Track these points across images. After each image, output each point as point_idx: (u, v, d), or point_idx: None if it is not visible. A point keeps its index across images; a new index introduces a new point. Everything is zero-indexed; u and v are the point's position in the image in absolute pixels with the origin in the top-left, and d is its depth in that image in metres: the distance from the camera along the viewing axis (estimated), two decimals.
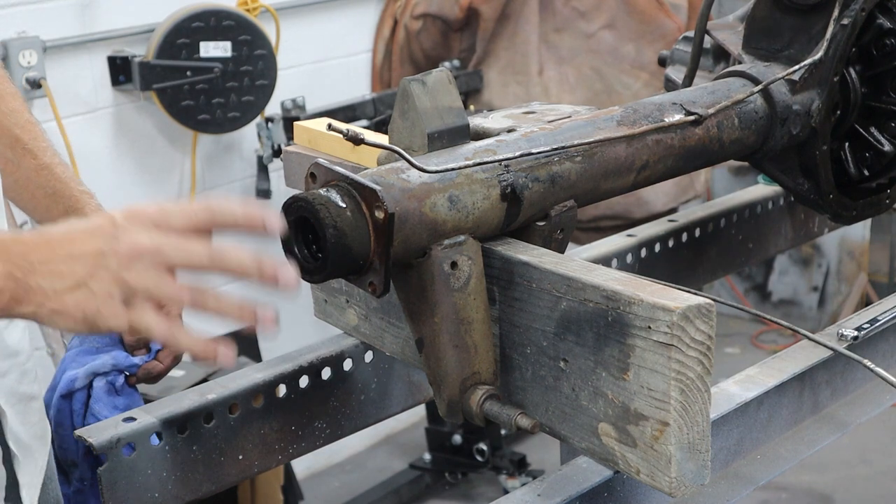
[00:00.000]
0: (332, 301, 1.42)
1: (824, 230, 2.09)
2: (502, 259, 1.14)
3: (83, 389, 1.42)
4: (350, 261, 1.06)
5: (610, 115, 1.29)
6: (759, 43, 1.54)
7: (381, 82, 4.14)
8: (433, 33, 4.06)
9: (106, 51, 3.25)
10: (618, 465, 1.07)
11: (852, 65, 1.54)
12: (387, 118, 3.53)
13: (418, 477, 4.12)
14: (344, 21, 3.99)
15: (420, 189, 1.10)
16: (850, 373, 1.46)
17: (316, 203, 1.05)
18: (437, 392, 1.17)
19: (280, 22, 3.59)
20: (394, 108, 1.22)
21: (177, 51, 3.20)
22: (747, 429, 1.33)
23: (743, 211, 1.89)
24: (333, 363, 1.38)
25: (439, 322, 1.12)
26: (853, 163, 1.57)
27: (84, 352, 1.47)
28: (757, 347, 5.14)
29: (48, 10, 3.12)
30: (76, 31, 3.19)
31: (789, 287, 5.39)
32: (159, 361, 1.47)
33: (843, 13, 1.46)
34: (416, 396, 1.50)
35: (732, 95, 1.41)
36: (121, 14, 3.30)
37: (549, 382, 1.12)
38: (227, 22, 3.28)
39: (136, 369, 1.45)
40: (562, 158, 1.21)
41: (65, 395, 1.43)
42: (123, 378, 1.44)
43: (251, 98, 3.35)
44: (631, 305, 1.01)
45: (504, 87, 4.06)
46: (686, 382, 0.99)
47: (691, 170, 1.41)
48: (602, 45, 4.04)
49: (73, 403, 1.43)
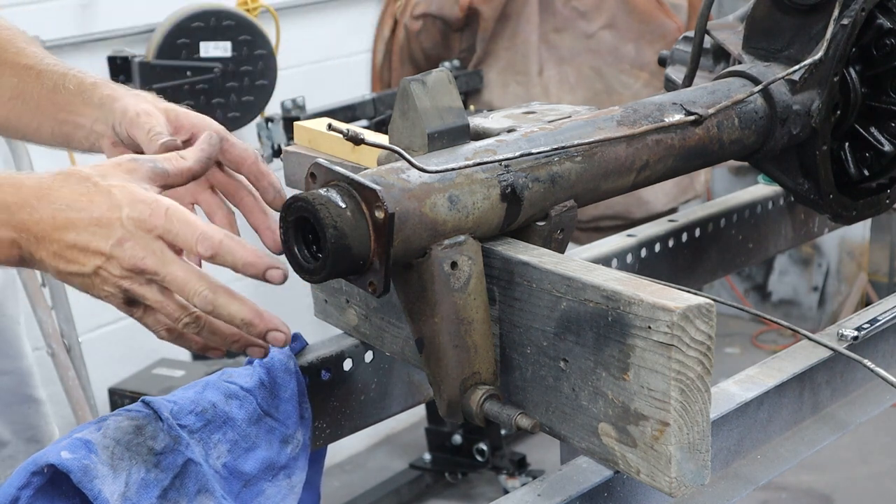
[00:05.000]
0: (332, 301, 1.43)
1: (824, 230, 2.08)
2: (502, 259, 1.14)
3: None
4: (350, 261, 1.06)
5: (610, 115, 1.29)
6: (759, 43, 1.54)
7: (381, 82, 4.15)
8: (433, 33, 4.06)
9: (106, 51, 3.25)
10: (618, 465, 1.07)
11: (852, 65, 1.54)
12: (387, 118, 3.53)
13: (418, 477, 4.13)
14: (344, 21, 4.00)
15: (420, 189, 1.10)
16: (850, 373, 1.46)
17: (316, 203, 1.05)
18: (437, 392, 1.17)
19: (280, 22, 3.59)
20: (394, 108, 1.22)
21: (177, 51, 3.21)
22: (747, 429, 1.33)
23: (743, 211, 1.89)
24: (333, 363, 1.38)
25: (439, 322, 1.12)
26: (853, 163, 1.57)
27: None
28: (757, 347, 5.14)
29: (48, 10, 3.12)
30: (76, 31, 3.20)
31: (789, 287, 5.40)
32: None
33: (843, 13, 1.46)
34: (416, 396, 1.50)
35: (732, 95, 1.41)
36: (121, 14, 3.31)
37: (550, 382, 1.12)
38: (227, 22, 3.28)
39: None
40: (562, 158, 1.21)
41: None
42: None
43: (251, 98, 3.35)
44: (631, 305, 1.01)
45: (504, 87, 4.07)
46: (686, 382, 0.99)
47: (691, 170, 1.41)
48: (602, 45, 4.04)
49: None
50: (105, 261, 1.06)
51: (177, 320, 1.11)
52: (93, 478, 1.07)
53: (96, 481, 1.07)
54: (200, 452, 1.17)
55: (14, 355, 1.79)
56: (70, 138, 1.40)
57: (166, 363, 3.44)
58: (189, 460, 1.14)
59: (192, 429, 1.17)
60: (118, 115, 1.32)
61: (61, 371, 3.02)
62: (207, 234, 1.08)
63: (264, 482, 1.23)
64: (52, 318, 3.02)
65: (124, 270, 1.06)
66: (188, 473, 1.14)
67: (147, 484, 1.11)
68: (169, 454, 1.13)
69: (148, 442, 1.13)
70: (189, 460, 1.14)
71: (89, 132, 1.37)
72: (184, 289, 1.08)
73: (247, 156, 1.32)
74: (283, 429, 1.25)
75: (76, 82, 1.38)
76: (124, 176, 1.10)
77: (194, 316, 1.11)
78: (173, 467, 1.13)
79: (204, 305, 1.08)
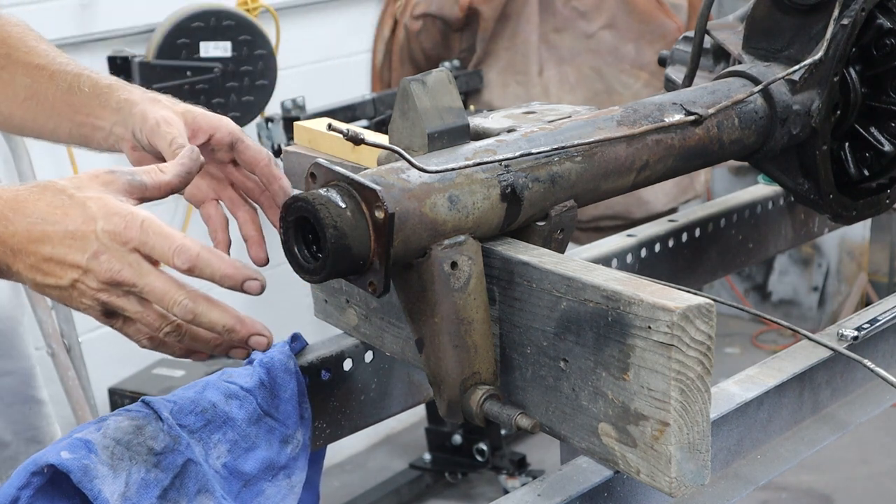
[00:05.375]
0: (332, 301, 1.43)
1: (824, 230, 2.08)
2: (502, 259, 1.14)
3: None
4: (350, 261, 1.06)
5: (610, 115, 1.29)
6: (759, 43, 1.54)
7: (381, 82, 4.15)
8: (433, 33, 4.06)
9: (106, 51, 3.25)
10: (618, 465, 1.07)
11: (852, 65, 1.54)
12: (387, 118, 3.53)
13: (418, 477, 4.13)
14: (344, 21, 4.00)
15: (420, 189, 1.10)
16: (850, 373, 1.46)
17: (316, 203, 1.05)
18: (437, 392, 1.17)
19: (280, 22, 3.59)
20: (394, 108, 1.22)
21: (177, 51, 3.20)
22: (747, 429, 1.33)
23: (743, 211, 1.89)
24: (333, 363, 1.38)
25: (439, 322, 1.12)
26: (853, 163, 1.57)
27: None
28: (757, 347, 5.15)
29: (48, 10, 3.12)
30: (76, 31, 3.20)
31: (789, 287, 5.40)
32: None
33: (843, 13, 1.46)
34: (416, 396, 1.50)
35: (732, 95, 1.41)
36: (121, 14, 3.31)
37: (550, 382, 1.12)
38: (227, 22, 3.28)
39: None
40: (562, 158, 1.21)
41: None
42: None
43: (251, 98, 3.35)
44: (631, 305, 1.01)
45: (504, 87, 4.07)
46: (686, 382, 0.99)
47: (691, 170, 1.41)
48: (602, 45, 4.04)
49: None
50: (82, 274, 1.06)
51: (157, 329, 1.10)
52: (93, 478, 1.07)
53: (96, 481, 1.07)
54: (200, 452, 1.17)
55: (16, 356, 1.79)
56: (89, 139, 1.40)
57: (166, 363, 3.44)
58: (189, 460, 1.14)
59: (192, 429, 1.17)
60: (138, 122, 1.32)
61: (61, 371, 3.02)
62: (185, 247, 1.07)
63: (264, 482, 1.23)
64: (52, 318, 3.02)
65: (101, 283, 1.06)
66: (188, 473, 1.14)
67: (147, 484, 1.11)
68: (169, 454, 1.13)
69: (148, 442, 1.13)
70: (189, 460, 1.14)
71: (108, 134, 1.37)
72: (163, 299, 1.08)
73: (260, 158, 1.32)
74: (283, 429, 1.25)
75: (90, 84, 1.38)
76: (100, 188, 1.10)
77: (175, 325, 1.11)
78: (173, 467, 1.13)
79: (184, 315, 1.08)
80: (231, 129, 1.33)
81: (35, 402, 1.81)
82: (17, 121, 1.44)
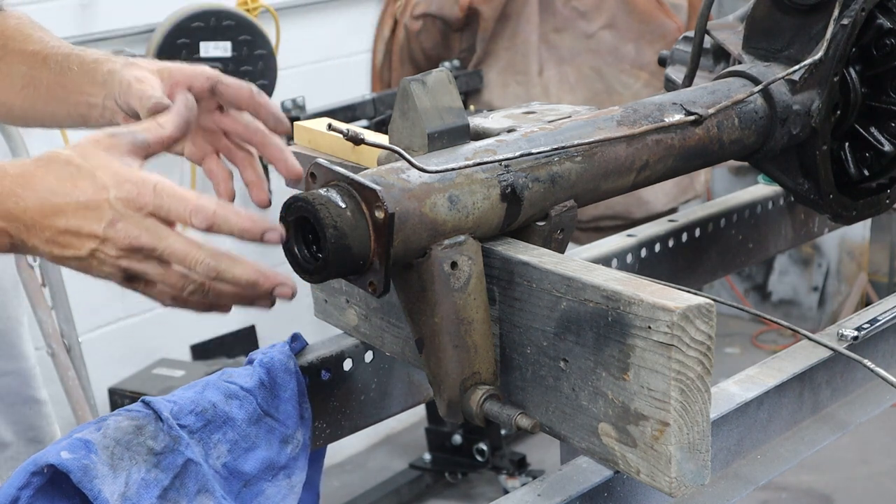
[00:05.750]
0: (332, 301, 1.43)
1: (824, 230, 2.08)
2: (502, 259, 1.14)
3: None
4: (350, 261, 1.06)
5: (610, 115, 1.29)
6: (759, 43, 1.54)
7: (381, 82, 4.15)
8: (433, 33, 4.06)
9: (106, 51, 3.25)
10: (618, 465, 1.07)
11: (852, 65, 1.54)
12: (387, 118, 3.53)
13: (418, 477, 4.13)
14: (344, 21, 4.00)
15: (420, 189, 1.10)
16: (850, 373, 1.46)
17: (316, 203, 1.05)
18: (437, 392, 1.17)
19: (280, 22, 3.59)
20: (394, 108, 1.22)
21: (177, 51, 3.20)
22: (747, 429, 1.33)
23: (743, 211, 1.89)
24: (333, 363, 1.38)
25: (439, 322, 1.12)
26: (853, 163, 1.57)
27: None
28: (757, 347, 5.15)
29: (48, 10, 3.12)
30: (76, 31, 3.19)
31: (789, 287, 5.40)
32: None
33: (843, 13, 1.46)
34: (416, 396, 1.50)
35: (732, 95, 1.41)
36: (121, 14, 3.31)
37: (550, 382, 1.12)
38: (227, 22, 3.28)
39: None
40: (562, 158, 1.21)
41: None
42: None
43: None
44: (631, 305, 1.01)
45: (504, 87, 4.07)
46: (686, 382, 0.99)
47: (691, 170, 1.41)
48: (602, 45, 4.04)
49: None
50: (100, 243, 1.06)
51: (181, 289, 1.10)
52: (93, 478, 1.07)
53: (96, 481, 1.07)
54: (200, 452, 1.17)
55: (17, 356, 1.79)
56: (86, 118, 1.40)
57: (166, 363, 3.44)
58: (189, 460, 1.14)
59: (192, 429, 1.17)
60: (117, 88, 1.32)
61: (61, 371, 3.02)
62: (201, 207, 1.07)
63: (264, 482, 1.23)
64: (52, 318, 3.01)
65: (120, 251, 1.06)
66: (188, 473, 1.14)
67: (147, 484, 1.11)
68: (169, 454, 1.13)
69: (148, 442, 1.13)
70: (189, 460, 1.14)
71: (103, 109, 1.37)
72: (185, 260, 1.07)
73: (242, 92, 1.32)
74: (283, 429, 1.25)
75: (79, 62, 1.38)
76: (104, 154, 1.09)
77: (198, 283, 1.10)
78: (173, 467, 1.13)
79: (207, 273, 1.08)
80: (208, 74, 1.32)
81: (35, 402, 1.81)
82: (18, 111, 1.45)
